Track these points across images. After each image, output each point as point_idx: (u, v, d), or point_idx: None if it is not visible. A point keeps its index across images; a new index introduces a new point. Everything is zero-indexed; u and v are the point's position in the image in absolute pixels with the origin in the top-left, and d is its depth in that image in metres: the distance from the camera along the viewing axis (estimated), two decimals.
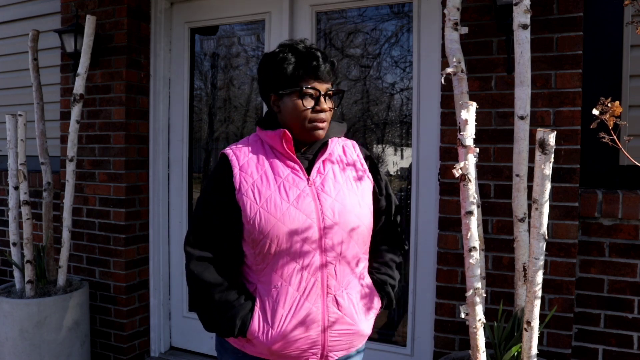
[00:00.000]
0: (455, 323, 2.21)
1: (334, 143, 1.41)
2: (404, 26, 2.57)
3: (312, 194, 1.30)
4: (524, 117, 1.60)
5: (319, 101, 1.31)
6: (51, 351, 2.59)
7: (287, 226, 1.25)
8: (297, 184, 1.30)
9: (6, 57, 3.59)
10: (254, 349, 1.33)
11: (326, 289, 1.29)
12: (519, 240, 1.68)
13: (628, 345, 2.03)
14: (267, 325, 1.28)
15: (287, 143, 1.32)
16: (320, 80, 1.31)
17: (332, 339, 1.31)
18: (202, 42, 3.10)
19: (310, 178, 1.32)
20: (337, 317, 1.30)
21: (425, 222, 2.46)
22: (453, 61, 1.74)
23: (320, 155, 1.36)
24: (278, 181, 1.30)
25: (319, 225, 1.28)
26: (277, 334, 1.27)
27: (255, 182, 1.29)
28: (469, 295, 1.40)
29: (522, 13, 1.53)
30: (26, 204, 2.72)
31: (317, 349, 1.30)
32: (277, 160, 1.33)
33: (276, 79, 1.33)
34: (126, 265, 2.95)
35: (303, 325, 1.27)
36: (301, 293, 1.28)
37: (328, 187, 1.32)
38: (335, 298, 1.30)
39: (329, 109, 1.33)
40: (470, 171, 1.32)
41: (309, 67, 1.29)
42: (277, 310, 1.27)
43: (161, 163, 3.10)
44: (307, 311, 1.28)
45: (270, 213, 1.26)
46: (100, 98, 2.97)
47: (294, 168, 1.32)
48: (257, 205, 1.27)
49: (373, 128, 2.69)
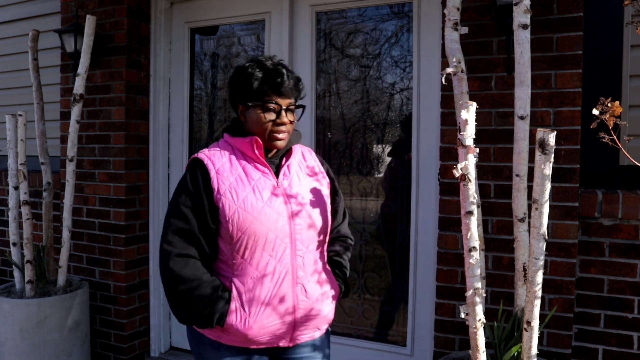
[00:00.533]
0: (455, 323, 2.21)
1: (296, 149, 1.56)
2: (404, 26, 2.57)
3: (282, 195, 1.44)
4: (524, 117, 1.60)
5: (279, 115, 1.44)
6: (51, 351, 2.59)
7: (263, 224, 1.39)
8: (268, 186, 1.44)
9: (6, 57, 3.59)
10: (230, 338, 1.43)
11: (296, 279, 1.44)
12: (519, 240, 1.68)
13: (628, 345, 2.03)
14: (245, 313, 1.39)
15: (258, 149, 1.45)
16: (283, 95, 1.43)
17: (301, 323, 1.46)
18: (202, 42, 3.10)
19: (279, 180, 1.46)
20: (305, 304, 1.45)
21: (425, 222, 2.46)
22: (453, 61, 1.74)
23: (285, 160, 1.51)
24: (251, 183, 1.43)
25: (289, 222, 1.43)
26: (254, 322, 1.39)
27: (232, 184, 1.41)
28: (469, 295, 1.40)
29: (522, 13, 1.53)
30: (26, 204, 2.72)
31: (288, 334, 1.45)
32: (248, 164, 1.46)
33: (243, 92, 1.46)
34: (126, 265, 2.95)
35: (277, 312, 1.41)
36: (274, 283, 1.41)
37: (294, 188, 1.47)
38: (304, 286, 1.45)
39: (290, 122, 1.46)
40: (470, 171, 1.33)
41: (273, 83, 1.42)
42: (253, 299, 1.40)
43: (161, 163, 3.10)
44: (280, 299, 1.41)
45: (248, 212, 1.38)
46: (100, 98, 2.97)
47: (264, 172, 1.46)
48: (235, 205, 1.39)
49: (373, 128, 2.69)
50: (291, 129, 1.49)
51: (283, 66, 1.47)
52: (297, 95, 1.49)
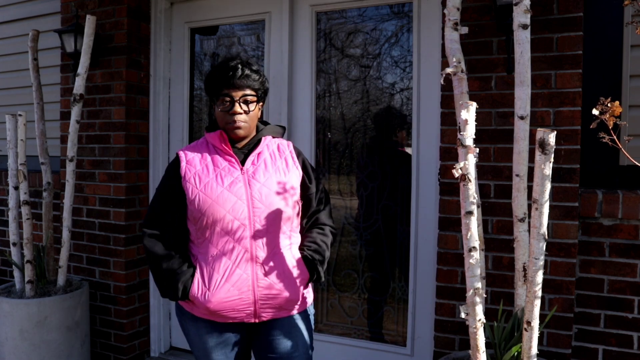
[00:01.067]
0: (455, 323, 2.21)
1: (267, 140, 1.68)
2: (404, 26, 2.57)
3: (243, 181, 1.57)
4: (524, 117, 1.60)
5: (233, 106, 1.57)
6: (51, 351, 2.59)
7: (221, 206, 1.53)
8: (232, 173, 1.58)
9: (6, 57, 3.59)
10: (197, 310, 1.60)
11: (255, 259, 1.56)
12: (519, 240, 1.68)
13: (628, 345, 2.03)
14: (205, 287, 1.55)
15: (224, 140, 1.61)
16: (235, 88, 1.56)
17: (262, 301, 1.57)
18: (202, 42, 3.10)
19: (244, 168, 1.59)
20: (264, 283, 1.56)
21: (425, 222, 2.46)
22: (453, 61, 1.74)
23: (254, 150, 1.64)
24: (216, 171, 1.59)
25: (248, 205, 1.55)
26: (212, 295, 1.54)
27: (197, 172, 1.58)
28: (469, 295, 1.40)
29: (522, 13, 1.53)
30: (26, 204, 2.72)
31: (250, 310, 1.57)
32: (218, 155, 1.62)
33: (208, 92, 1.64)
34: (126, 265, 2.95)
35: (235, 287, 1.54)
36: (233, 261, 1.55)
37: (258, 175, 1.59)
38: (263, 266, 1.56)
39: (244, 111, 1.58)
40: (470, 171, 1.33)
41: (224, 77, 1.56)
42: (212, 275, 1.55)
43: (161, 163, 3.10)
44: (239, 277, 1.54)
45: (207, 195, 1.54)
46: (100, 98, 2.97)
47: (230, 161, 1.61)
48: (197, 189, 1.56)
49: (373, 128, 2.69)
50: (249, 119, 1.60)
51: (241, 62, 1.58)
52: (253, 86, 1.58)
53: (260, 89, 1.62)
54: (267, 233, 1.57)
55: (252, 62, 1.66)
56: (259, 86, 1.61)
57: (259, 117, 1.68)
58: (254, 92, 1.60)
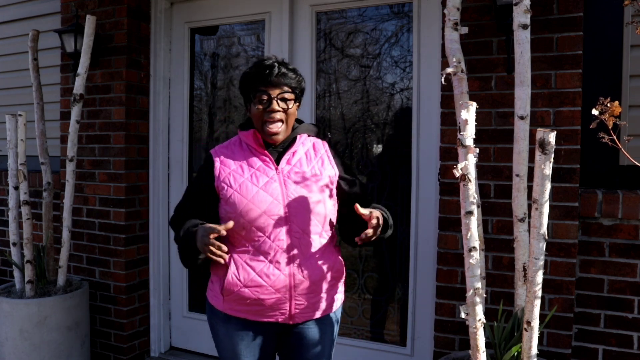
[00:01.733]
0: (455, 323, 2.21)
1: (303, 138, 1.66)
2: (404, 26, 2.57)
3: (279, 180, 1.55)
4: (524, 117, 1.60)
5: (270, 103, 1.54)
6: (51, 351, 2.59)
7: (257, 206, 1.51)
8: (267, 172, 1.56)
9: (6, 57, 3.59)
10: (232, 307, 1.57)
11: (292, 259, 1.53)
12: (519, 240, 1.68)
13: (628, 345, 2.03)
14: (240, 284, 1.52)
15: (258, 140, 1.59)
16: (272, 85, 1.54)
17: (297, 301, 1.55)
18: (202, 42, 3.10)
19: (279, 167, 1.57)
20: (302, 283, 1.54)
21: (425, 222, 2.46)
22: (453, 61, 1.74)
23: (289, 149, 1.61)
24: (251, 171, 1.56)
25: (284, 205, 1.53)
26: (249, 292, 1.52)
27: (231, 171, 1.57)
28: (469, 295, 1.40)
29: (522, 13, 1.53)
30: (26, 204, 2.72)
31: (285, 310, 1.55)
32: (252, 154, 1.60)
33: (243, 91, 1.62)
34: (126, 265, 2.95)
35: (272, 286, 1.52)
36: (269, 260, 1.52)
37: (294, 175, 1.57)
38: (300, 267, 1.53)
39: (282, 109, 1.55)
40: (470, 171, 1.33)
41: (261, 75, 1.54)
42: (249, 273, 1.52)
43: (161, 163, 3.10)
44: (276, 277, 1.52)
45: (243, 195, 1.52)
46: (100, 98, 2.97)
47: (264, 160, 1.58)
48: (232, 189, 1.54)
49: (373, 128, 2.69)
50: (286, 117, 1.57)
51: (277, 61, 1.57)
52: (290, 84, 1.56)
53: (297, 87, 1.59)
54: (304, 233, 1.55)
55: (287, 61, 1.63)
56: (296, 84, 1.58)
57: (295, 116, 1.64)
58: (291, 90, 1.57)
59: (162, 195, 3.10)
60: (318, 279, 1.56)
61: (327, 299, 1.61)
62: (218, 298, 1.60)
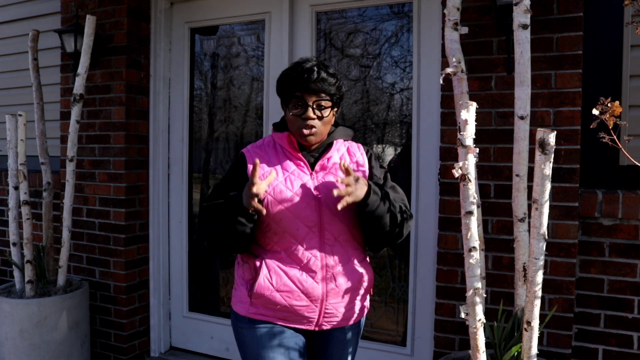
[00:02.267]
0: (455, 323, 2.21)
1: (339, 144, 1.61)
2: (404, 26, 2.57)
3: (312, 186, 1.50)
4: (524, 117, 1.60)
5: (306, 111, 1.48)
6: (51, 351, 2.59)
7: (290, 211, 1.46)
8: (301, 177, 1.51)
9: (6, 57, 3.59)
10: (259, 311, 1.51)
11: (325, 267, 1.49)
12: (519, 240, 1.68)
13: (628, 345, 2.03)
14: (272, 287, 1.48)
15: (292, 143, 1.54)
16: (309, 92, 1.47)
17: (328, 310, 1.51)
18: (202, 42, 3.10)
19: (314, 172, 1.53)
20: (334, 291, 1.50)
21: (425, 222, 2.46)
22: (453, 61, 1.74)
23: (324, 155, 1.56)
24: (285, 174, 1.51)
25: (318, 212, 1.48)
26: (280, 297, 1.48)
27: (264, 174, 1.50)
28: (469, 295, 1.40)
29: (522, 13, 1.53)
30: (26, 204, 2.72)
31: (313, 318, 1.52)
32: (286, 157, 1.55)
33: (280, 93, 1.56)
34: (126, 265, 2.95)
35: (304, 294, 1.48)
36: (301, 267, 1.48)
37: (328, 181, 1.51)
38: (333, 275, 1.50)
39: (317, 117, 1.49)
40: (470, 171, 1.33)
41: (299, 81, 1.47)
42: (281, 277, 1.48)
43: (161, 163, 3.10)
44: (308, 284, 1.48)
45: (276, 199, 1.47)
46: (100, 98, 2.97)
47: (299, 164, 1.53)
48: (266, 193, 1.46)
49: (373, 128, 2.69)
50: (321, 125, 1.51)
51: (317, 64, 1.49)
52: (329, 91, 1.49)
53: (336, 94, 1.53)
54: (337, 241, 1.51)
55: (328, 64, 1.56)
56: (334, 91, 1.51)
57: (332, 123, 1.59)
58: (329, 97, 1.51)
59: (162, 195, 3.10)
60: (350, 288, 1.53)
61: (356, 308, 1.58)
62: (244, 302, 1.55)
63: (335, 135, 1.61)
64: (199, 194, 3.14)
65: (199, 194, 3.14)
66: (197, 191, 3.14)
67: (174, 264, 3.14)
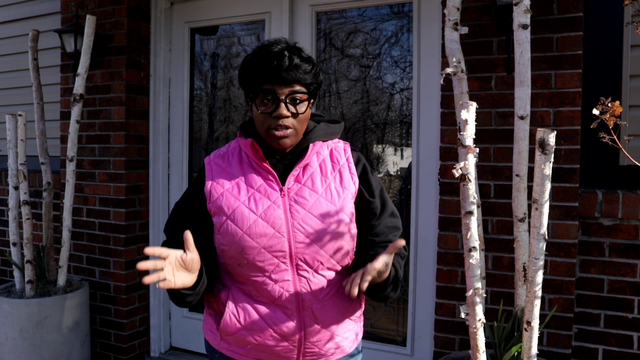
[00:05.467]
0: (455, 323, 2.21)
1: (317, 147, 1.30)
2: (404, 26, 2.57)
3: (283, 206, 1.22)
4: (524, 117, 1.60)
5: (278, 106, 1.19)
6: (51, 351, 2.59)
7: (254, 239, 1.20)
8: (269, 195, 1.23)
9: (6, 57, 3.59)
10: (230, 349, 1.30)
11: (301, 302, 1.23)
12: (519, 240, 1.68)
13: (628, 345, 2.03)
14: (240, 326, 1.25)
15: (257, 152, 1.25)
16: (281, 82, 1.18)
17: (309, 349, 1.26)
18: (202, 42, 3.10)
19: (284, 188, 1.24)
20: (313, 329, 1.25)
21: (425, 222, 2.46)
22: (453, 61, 1.74)
23: (299, 162, 1.26)
24: (249, 192, 1.24)
25: (289, 238, 1.21)
26: (251, 338, 1.25)
27: (224, 193, 1.25)
28: (469, 295, 1.40)
29: (522, 13, 1.53)
30: (26, 204, 2.72)
31: (293, 359, 1.26)
32: (252, 168, 1.27)
33: (244, 82, 1.26)
34: (126, 265, 2.95)
35: (277, 333, 1.24)
36: (274, 304, 1.24)
37: (303, 198, 1.23)
38: (312, 310, 1.24)
39: (292, 114, 1.21)
40: (470, 171, 1.33)
41: (266, 68, 1.18)
42: (250, 315, 1.25)
43: (161, 163, 3.10)
44: (282, 322, 1.23)
45: (237, 225, 1.21)
46: (100, 98, 2.97)
47: (267, 178, 1.25)
48: (225, 217, 1.22)
49: (373, 128, 2.69)
50: (297, 124, 1.22)
51: (288, 47, 1.22)
52: (304, 80, 1.21)
53: (313, 83, 1.24)
54: (316, 273, 1.24)
55: (300, 46, 1.26)
56: (311, 80, 1.22)
57: (308, 119, 1.28)
58: (305, 89, 1.22)
59: (162, 195, 3.10)
60: (333, 322, 1.27)
61: (346, 341, 1.32)
62: (214, 334, 1.33)
63: (312, 137, 1.29)
64: None
65: None
66: None
67: None
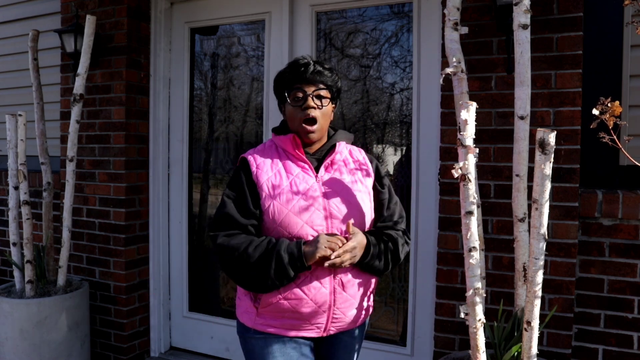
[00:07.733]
0: (455, 323, 2.21)
1: (342, 146, 1.60)
2: (404, 26, 2.57)
3: (319, 189, 1.49)
4: (524, 117, 1.60)
5: (306, 100, 1.50)
6: (51, 351, 2.59)
7: (297, 216, 1.44)
8: (306, 180, 1.49)
9: (6, 57, 3.59)
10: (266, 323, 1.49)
11: (333, 271, 1.46)
12: (519, 240, 1.68)
13: (628, 345, 2.03)
14: (280, 295, 1.45)
15: (297, 145, 1.52)
16: (307, 82, 1.51)
17: (336, 316, 1.50)
18: (202, 42, 3.10)
19: (319, 175, 1.52)
20: (341, 297, 1.48)
21: (425, 222, 2.46)
22: (453, 61, 1.74)
23: (328, 156, 1.55)
24: (290, 178, 1.49)
25: (325, 215, 1.46)
26: (288, 304, 1.45)
27: (269, 178, 1.48)
28: (469, 295, 1.40)
29: (522, 13, 1.53)
30: (26, 204, 2.72)
31: (321, 324, 1.50)
32: (289, 160, 1.53)
33: (277, 90, 1.59)
34: (126, 265, 2.95)
35: (312, 301, 1.45)
36: (311, 274, 1.45)
37: (334, 183, 1.51)
38: (341, 280, 1.48)
39: (317, 106, 1.51)
40: (470, 171, 1.33)
41: (296, 72, 1.51)
42: (289, 286, 1.44)
43: (161, 163, 3.10)
44: (317, 289, 1.45)
45: (283, 205, 1.45)
46: (100, 98, 2.97)
47: (303, 167, 1.52)
48: (271, 198, 1.46)
49: (373, 128, 2.69)
50: (321, 117, 1.52)
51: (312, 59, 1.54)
52: (326, 82, 1.53)
53: (333, 86, 1.56)
54: None
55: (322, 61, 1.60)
56: (332, 83, 1.54)
57: (331, 119, 1.60)
58: (327, 90, 1.54)
59: (162, 195, 3.10)
60: (356, 292, 1.52)
61: (362, 311, 1.57)
62: (250, 313, 1.53)
63: (337, 138, 1.61)
64: (199, 194, 3.14)
65: (199, 194, 3.14)
66: (197, 191, 3.14)
67: (174, 264, 3.14)
